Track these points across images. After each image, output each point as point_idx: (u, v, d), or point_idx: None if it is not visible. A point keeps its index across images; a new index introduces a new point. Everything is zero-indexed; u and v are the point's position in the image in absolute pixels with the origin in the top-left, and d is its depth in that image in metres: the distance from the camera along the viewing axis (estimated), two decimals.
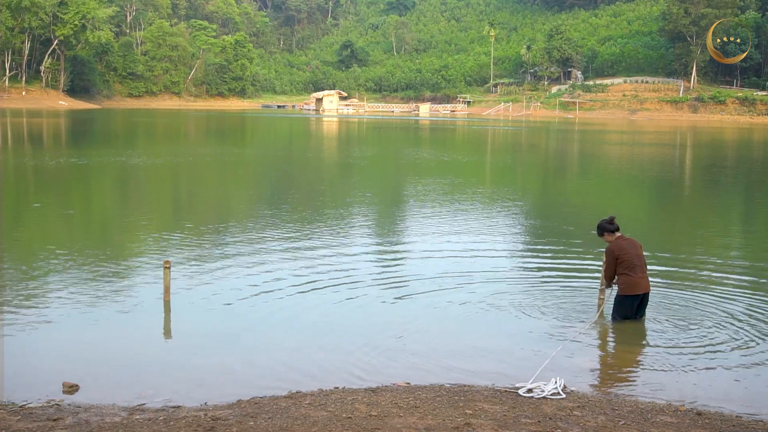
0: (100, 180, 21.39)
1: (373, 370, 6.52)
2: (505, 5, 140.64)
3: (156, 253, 10.95)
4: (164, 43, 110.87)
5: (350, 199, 18.15)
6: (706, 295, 9.20)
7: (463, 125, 68.54)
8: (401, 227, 14.36)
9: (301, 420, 5.16)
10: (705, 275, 10.39)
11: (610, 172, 28.07)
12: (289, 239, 12.42)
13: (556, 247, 12.36)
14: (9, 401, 5.61)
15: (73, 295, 8.57)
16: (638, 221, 15.75)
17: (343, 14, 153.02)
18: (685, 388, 6.27)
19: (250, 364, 6.65)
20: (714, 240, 13.63)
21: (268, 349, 7.00)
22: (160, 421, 5.16)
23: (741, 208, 19.19)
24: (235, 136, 49.20)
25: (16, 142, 36.00)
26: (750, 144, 48.27)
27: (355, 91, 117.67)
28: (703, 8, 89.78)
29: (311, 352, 6.94)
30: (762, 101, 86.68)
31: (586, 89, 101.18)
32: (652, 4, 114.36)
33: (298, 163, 27.95)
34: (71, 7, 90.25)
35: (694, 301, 8.91)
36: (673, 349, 7.24)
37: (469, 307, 8.55)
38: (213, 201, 17.31)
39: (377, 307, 8.45)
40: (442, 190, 20.21)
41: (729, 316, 8.35)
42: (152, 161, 26.44)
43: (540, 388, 5.95)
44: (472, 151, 38.12)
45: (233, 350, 7.01)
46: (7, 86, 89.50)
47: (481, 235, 13.47)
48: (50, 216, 14.84)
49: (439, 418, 5.26)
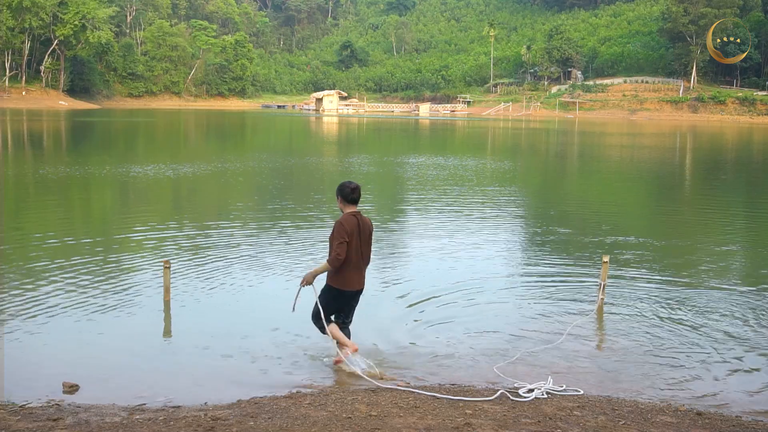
0: (100, 181, 21.39)
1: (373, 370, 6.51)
2: (505, 5, 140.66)
3: (156, 253, 10.95)
4: (164, 43, 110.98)
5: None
6: (706, 295, 9.19)
7: (464, 125, 68.55)
8: (402, 228, 14.36)
9: (301, 420, 5.16)
10: (705, 276, 10.38)
11: (626, 172, 28.08)
12: (289, 240, 12.42)
13: (557, 247, 12.36)
14: (9, 401, 5.60)
15: (73, 295, 8.57)
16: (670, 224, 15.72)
17: (343, 14, 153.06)
18: (686, 388, 6.28)
19: (250, 364, 6.65)
20: (715, 239, 13.62)
21: (268, 349, 7.00)
22: (160, 421, 5.16)
23: (743, 208, 19.19)
24: (235, 137, 49.20)
25: (16, 145, 35.99)
26: (752, 144, 48.27)
27: (355, 91, 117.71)
28: (703, 8, 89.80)
29: (311, 352, 6.93)
30: (762, 101, 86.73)
31: (586, 89, 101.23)
32: (652, 4, 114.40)
33: (300, 166, 27.93)
34: (71, 7, 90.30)
35: (694, 301, 8.91)
36: (673, 348, 7.24)
37: (469, 306, 8.55)
38: (213, 201, 17.31)
39: (378, 307, 8.45)
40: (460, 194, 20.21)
41: (729, 315, 8.35)
42: (154, 168, 26.43)
43: (536, 388, 5.96)
44: (495, 152, 38.12)
45: (233, 350, 7.01)
46: (7, 86, 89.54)
47: (481, 234, 13.47)
48: (50, 216, 14.84)
49: (439, 418, 5.26)
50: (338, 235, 6.18)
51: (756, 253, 12.39)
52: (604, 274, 8.37)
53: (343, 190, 6.35)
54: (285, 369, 6.52)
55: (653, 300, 8.99)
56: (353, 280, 6.37)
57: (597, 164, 31.69)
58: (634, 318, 8.27)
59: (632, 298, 9.05)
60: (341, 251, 6.15)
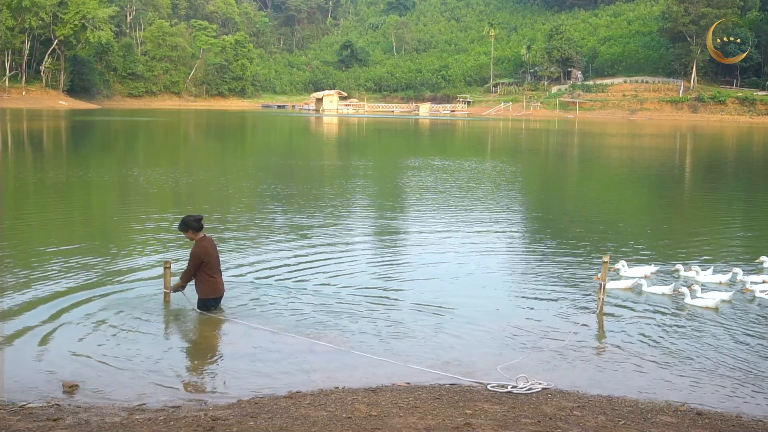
0: (100, 183, 21.39)
1: (374, 369, 6.52)
2: (505, 5, 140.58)
3: (156, 254, 10.95)
4: (164, 43, 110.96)
5: (351, 201, 18.16)
6: (706, 295, 9.19)
7: (465, 125, 68.53)
8: (402, 228, 14.35)
9: (301, 420, 5.16)
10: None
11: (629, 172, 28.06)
12: (289, 241, 12.42)
13: (558, 247, 12.36)
14: (9, 401, 5.60)
15: (73, 295, 8.56)
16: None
17: (343, 14, 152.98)
18: (685, 388, 6.28)
19: (250, 364, 6.65)
20: (715, 239, 13.62)
21: (268, 349, 7.00)
22: (160, 421, 5.16)
23: (743, 208, 19.19)
24: (235, 137, 49.20)
25: (16, 145, 35.99)
26: (753, 145, 48.26)
27: (355, 91, 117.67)
28: (703, 8, 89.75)
29: (311, 352, 6.93)
30: (762, 101, 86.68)
31: (586, 89, 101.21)
32: (652, 4, 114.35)
33: (300, 168, 27.93)
34: (71, 7, 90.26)
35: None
36: (673, 348, 7.24)
37: (470, 306, 8.54)
38: (213, 202, 17.30)
39: (379, 308, 8.45)
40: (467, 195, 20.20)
41: (729, 316, 8.35)
42: (154, 169, 26.43)
43: (534, 385, 5.97)
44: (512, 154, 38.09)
45: (233, 350, 7.01)
46: (7, 86, 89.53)
47: (481, 234, 13.47)
48: (50, 217, 14.83)
49: (439, 418, 5.26)
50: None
51: (756, 253, 12.37)
52: (604, 274, 8.36)
53: (191, 224, 7.97)
54: (285, 369, 6.52)
55: (653, 300, 8.99)
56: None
57: (597, 165, 31.68)
58: (634, 318, 8.27)
59: (632, 298, 9.05)
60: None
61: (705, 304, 8.68)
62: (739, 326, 7.98)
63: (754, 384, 6.39)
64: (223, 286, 8.16)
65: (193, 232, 7.99)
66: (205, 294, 7.97)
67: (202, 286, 7.97)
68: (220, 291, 8.05)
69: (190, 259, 7.93)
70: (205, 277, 7.94)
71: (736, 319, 8.24)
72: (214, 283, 7.98)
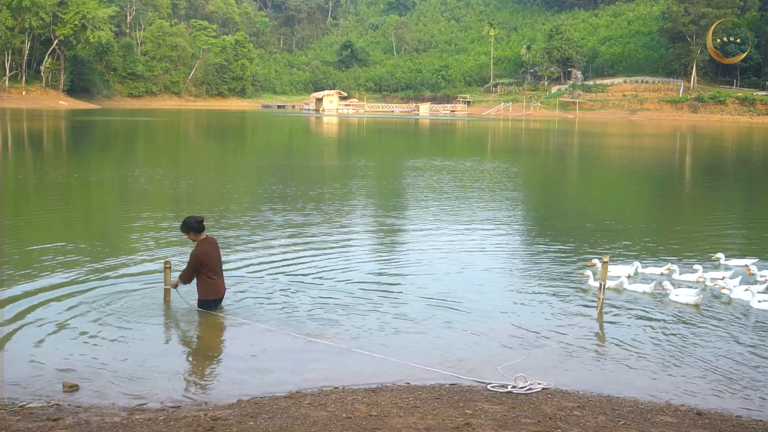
0: (100, 183, 21.40)
1: (374, 368, 6.52)
2: (505, 5, 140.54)
3: (156, 254, 10.95)
4: (164, 43, 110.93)
5: (351, 201, 18.16)
6: (706, 295, 9.19)
7: (465, 125, 68.53)
8: (401, 227, 14.36)
9: (301, 420, 5.16)
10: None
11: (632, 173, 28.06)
12: (289, 241, 12.42)
13: (559, 246, 12.36)
14: (9, 401, 5.60)
15: (73, 295, 8.56)
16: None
17: (343, 14, 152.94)
18: (685, 388, 6.27)
19: (250, 364, 6.65)
20: (715, 240, 13.61)
21: (268, 349, 7.00)
22: (160, 421, 5.16)
23: (744, 209, 19.19)
24: (235, 137, 49.21)
25: (16, 145, 35.99)
26: (753, 145, 48.26)
27: (355, 91, 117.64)
28: (703, 8, 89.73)
29: (311, 351, 6.93)
30: (762, 101, 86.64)
31: (586, 89, 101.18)
32: (652, 4, 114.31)
33: (301, 169, 27.95)
34: (71, 7, 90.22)
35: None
36: (673, 348, 7.24)
37: (469, 306, 8.54)
38: (213, 202, 17.30)
39: (379, 307, 8.45)
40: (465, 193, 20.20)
41: (729, 316, 8.35)
42: (154, 169, 26.43)
43: (534, 385, 5.97)
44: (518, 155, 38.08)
45: (233, 349, 7.01)
46: (7, 86, 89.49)
47: (481, 235, 13.47)
48: (51, 217, 14.83)
49: (439, 418, 5.26)
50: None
51: (757, 254, 12.37)
52: (604, 274, 8.36)
53: (192, 226, 7.99)
54: (285, 369, 6.52)
55: (653, 300, 8.99)
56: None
57: (597, 165, 31.68)
58: (635, 318, 8.27)
59: (632, 298, 9.05)
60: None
61: (686, 301, 8.79)
62: (742, 327, 7.98)
63: (755, 384, 6.39)
64: (224, 287, 8.18)
65: (195, 233, 8.03)
66: (205, 295, 8.01)
67: (203, 287, 8.00)
68: (220, 292, 8.08)
69: (190, 261, 7.98)
70: (205, 278, 7.96)
71: (736, 320, 8.23)
72: (215, 284, 8.01)
